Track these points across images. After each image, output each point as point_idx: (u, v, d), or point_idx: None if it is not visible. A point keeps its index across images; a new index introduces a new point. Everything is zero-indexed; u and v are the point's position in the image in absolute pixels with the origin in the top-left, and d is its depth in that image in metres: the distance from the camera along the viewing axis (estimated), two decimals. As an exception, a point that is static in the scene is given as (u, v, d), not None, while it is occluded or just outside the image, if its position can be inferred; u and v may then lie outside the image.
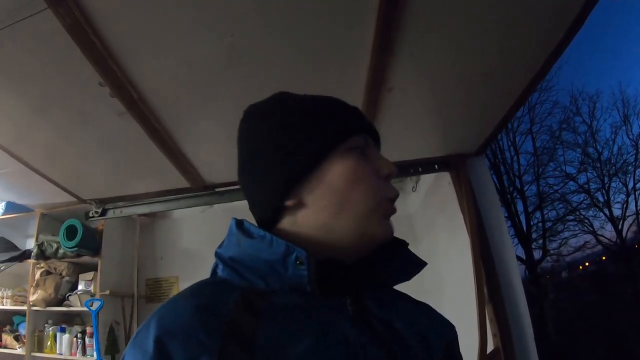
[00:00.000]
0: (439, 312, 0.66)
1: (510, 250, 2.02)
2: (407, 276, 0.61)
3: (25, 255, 2.73)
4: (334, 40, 1.25)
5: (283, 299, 0.51)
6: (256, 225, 0.58)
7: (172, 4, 1.09)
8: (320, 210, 0.55)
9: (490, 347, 1.79)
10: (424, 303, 0.66)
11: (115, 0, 1.05)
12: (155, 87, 1.39)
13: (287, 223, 0.57)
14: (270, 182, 0.57)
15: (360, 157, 0.58)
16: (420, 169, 2.15)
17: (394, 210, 0.59)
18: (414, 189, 2.73)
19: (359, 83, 1.44)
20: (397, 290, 0.64)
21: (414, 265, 0.61)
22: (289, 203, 0.56)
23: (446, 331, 0.63)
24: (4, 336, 2.66)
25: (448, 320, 0.65)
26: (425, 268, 0.62)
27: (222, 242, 0.59)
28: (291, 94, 0.64)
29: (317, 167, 0.56)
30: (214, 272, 0.59)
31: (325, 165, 0.56)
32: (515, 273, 1.95)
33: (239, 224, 0.57)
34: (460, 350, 0.65)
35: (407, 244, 0.61)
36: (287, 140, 0.57)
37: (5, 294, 2.68)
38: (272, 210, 0.58)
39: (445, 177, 2.18)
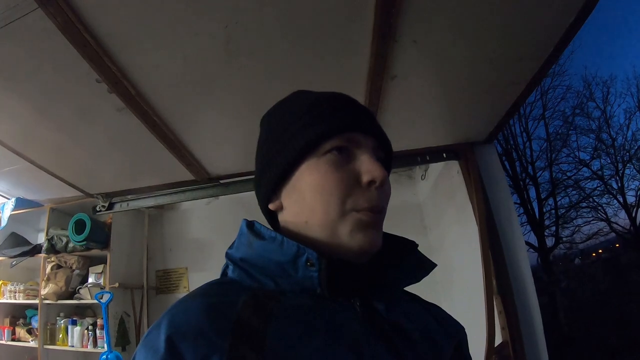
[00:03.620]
0: (446, 309, 0.66)
1: (520, 241, 1.98)
2: (417, 278, 0.61)
3: (36, 249, 2.78)
4: (332, 27, 1.21)
5: (293, 300, 0.52)
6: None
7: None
8: (295, 215, 0.57)
9: (498, 340, 1.76)
10: (434, 304, 0.66)
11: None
12: (153, 81, 1.37)
13: (280, 223, 0.61)
14: (258, 187, 0.62)
15: (336, 162, 0.54)
16: (428, 158, 2.12)
17: (369, 222, 0.54)
18: (423, 178, 2.69)
19: (361, 71, 1.40)
20: (406, 291, 0.65)
21: (424, 267, 0.61)
22: (271, 207, 0.60)
23: (455, 332, 0.63)
24: (17, 329, 2.73)
25: (457, 322, 0.65)
26: (434, 258, 0.62)
27: (233, 243, 0.60)
28: (299, 93, 0.64)
29: (293, 172, 0.56)
30: (224, 272, 0.59)
31: (300, 170, 0.56)
32: (525, 264, 1.91)
33: (250, 225, 0.58)
34: (468, 343, 0.65)
35: (417, 245, 0.62)
36: (267, 150, 0.60)
37: (17, 288, 2.73)
38: (265, 213, 0.63)
39: (455, 166, 2.14)
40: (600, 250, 13.97)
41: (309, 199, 0.55)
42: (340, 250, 0.53)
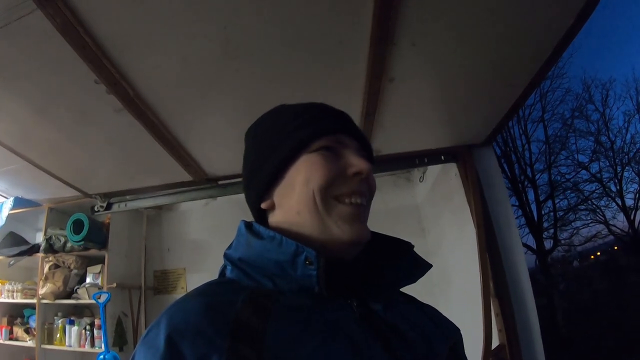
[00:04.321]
0: (444, 312, 0.67)
1: (517, 244, 1.98)
2: (413, 279, 0.62)
3: (34, 249, 2.77)
4: (331, 29, 1.21)
5: (291, 300, 0.53)
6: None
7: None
8: (286, 210, 0.59)
9: (495, 343, 1.76)
10: (429, 305, 0.67)
11: (103, -1, 1.04)
12: (151, 83, 1.37)
13: (271, 224, 0.62)
14: (248, 189, 0.64)
15: (325, 156, 0.58)
16: (426, 160, 2.12)
17: (353, 214, 0.57)
18: (421, 180, 2.70)
19: (359, 73, 1.40)
20: (403, 292, 0.66)
21: (420, 267, 0.62)
22: (263, 205, 0.62)
23: (451, 333, 0.64)
24: (15, 329, 2.73)
25: (453, 323, 0.66)
26: (432, 260, 0.64)
27: (231, 243, 0.61)
28: (283, 106, 0.67)
29: (285, 171, 0.59)
30: (222, 273, 0.60)
31: (292, 168, 0.59)
32: (522, 267, 1.91)
33: (249, 225, 0.60)
34: (465, 345, 0.66)
35: (413, 246, 0.63)
36: (257, 155, 0.63)
37: (15, 288, 2.73)
38: (255, 212, 0.64)
39: (453, 168, 2.14)
40: (598, 253, 14.00)
41: (298, 190, 0.57)
42: (332, 242, 0.55)
